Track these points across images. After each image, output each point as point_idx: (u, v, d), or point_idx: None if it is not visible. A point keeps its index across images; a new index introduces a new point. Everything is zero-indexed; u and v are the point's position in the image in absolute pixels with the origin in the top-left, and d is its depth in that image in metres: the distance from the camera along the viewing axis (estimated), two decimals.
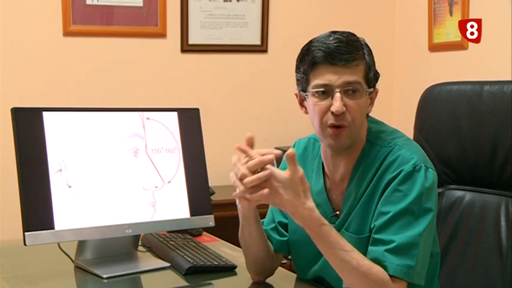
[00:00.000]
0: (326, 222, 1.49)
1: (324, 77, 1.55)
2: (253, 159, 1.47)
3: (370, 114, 1.69)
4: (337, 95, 1.54)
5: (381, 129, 1.67)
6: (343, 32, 1.59)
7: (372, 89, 1.60)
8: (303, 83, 1.61)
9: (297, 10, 3.80)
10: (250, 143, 1.52)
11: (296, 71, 1.62)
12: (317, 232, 1.48)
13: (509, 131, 1.84)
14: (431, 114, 2.01)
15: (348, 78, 1.55)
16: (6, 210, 3.03)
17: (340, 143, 1.58)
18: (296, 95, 1.66)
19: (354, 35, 1.60)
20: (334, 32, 1.58)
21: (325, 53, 1.54)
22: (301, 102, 1.64)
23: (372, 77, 1.59)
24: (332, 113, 1.55)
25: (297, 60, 1.62)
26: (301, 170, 1.47)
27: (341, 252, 1.48)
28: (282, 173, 1.45)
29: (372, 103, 1.64)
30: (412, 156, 1.57)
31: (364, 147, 1.64)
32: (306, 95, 1.60)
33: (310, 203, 1.47)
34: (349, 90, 1.55)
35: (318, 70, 1.56)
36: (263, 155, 1.47)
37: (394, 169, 1.56)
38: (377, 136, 1.64)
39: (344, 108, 1.54)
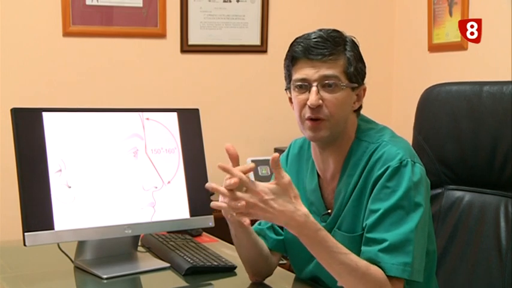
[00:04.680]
0: (321, 226, 1.49)
1: (302, 71, 1.59)
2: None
3: (366, 114, 1.70)
4: (313, 89, 1.57)
5: (370, 126, 1.67)
6: (328, 29, 1.62)
7: (355, 85, 1.61)
8: (287, 79, 1.65)
9: (296, 10, 3.80)
10: (235, 158, 1.52)
11: (283, 68, 1.66)
12: (314, 238, 1.47)
13: (509, 131, 1.84)
14: (431, 115, 2.01)
15: (325, 72, 1.57)
16: (6, 210, 3.03)
17: (319, 135, 1.59)
18: (286, 91, 1.68)
19: (338, 31, 1.63)
20: (320, 29, 1.62)
21: (303, 48, 1.58)
22: (290, 98, 1.67)
23: (353, 72, 1.60)
24: (309, 106, 1.57)
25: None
26: (287, 176, 1.46)
27: (340, 255, 1.48)
28: (269, 185, 1.45)
29: (358, 100, 1.65)
30: (398, 151, 1.57)
31: (352, 144, 1.64)
32: (289, 88, 1.64)
33: (304, 209, 1.47)
34: (326, 84, 1.57)
35: (298, 65, 1.60)
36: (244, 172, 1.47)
37: (381, 166, 1.56)
38: (365, 133, 1.65)
39: (320, 101, 1.56)
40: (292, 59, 1.61)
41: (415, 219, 1.52)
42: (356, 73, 1.61)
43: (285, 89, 1.67)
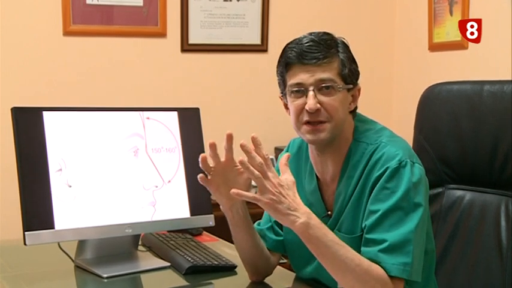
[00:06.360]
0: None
1: (297, 76, 1.59)
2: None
3: (366, 114, 1.69)
4: (310, 93, 1.57)
5: (368, 127, 1.67)
6: (319, 32, 1.62)
7: (350, 86, 1.61)
8: (281, 85, 1.65)
9: (297, 9, 3.80)
10: (256, 143, 1.58)
11: (276, 75, 1.66)
12: (319, 228, 1.47)
13: (509, 131, 1.84)
14: (432, 114, 2.00)
15: (320, 75, 1.57)
16: (6, 210, 3.03)
17: (319, 137, 1.59)
18: (280, 98, 1.68)
19: (328, 34, 1.63)
20: (310, 33, 1.62)
21: (296, 53, 1.58)
22: (286, 105, 1.67)
23: (347, 74, 1.60)
24: (307, 110, 1.57)
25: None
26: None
27: (342, 248, 1.47)
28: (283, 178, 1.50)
29: (354, 100, 1.65)
30: (397, 152, 1.57)
31: (350, 146, 1.64)
32: (284, 94, 1.64)
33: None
34: (323, 87, 1.58)
35: (292, 70, 1.60)
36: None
37: (380, 166, 1.56)
38: (363, 134, 1.65)
39: (318, 105, 1.57)
40: (286, 65, 1.61)
41: (414, 220, 1.52)
42: (350, 74, 1.62)
43: (280, 96, 1.67)
